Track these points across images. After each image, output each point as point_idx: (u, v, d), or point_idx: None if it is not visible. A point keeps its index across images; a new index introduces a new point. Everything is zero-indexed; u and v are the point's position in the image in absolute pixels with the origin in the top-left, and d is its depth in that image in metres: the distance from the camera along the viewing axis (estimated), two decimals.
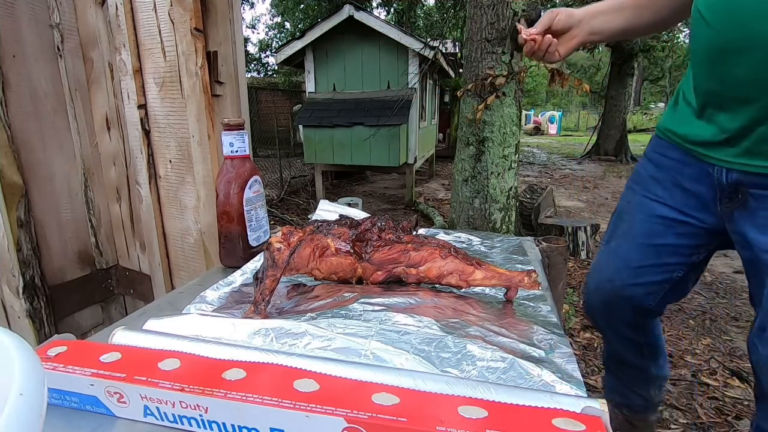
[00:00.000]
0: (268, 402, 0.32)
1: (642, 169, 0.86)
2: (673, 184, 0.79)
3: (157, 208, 1.31)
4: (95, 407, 0.37)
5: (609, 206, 5.42)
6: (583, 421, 0.30)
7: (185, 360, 0.38)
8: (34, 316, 1.21)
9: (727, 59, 0.63)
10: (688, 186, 0.77)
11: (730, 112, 0.66)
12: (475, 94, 2.69)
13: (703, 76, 0.69)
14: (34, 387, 0.24)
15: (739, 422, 1.62)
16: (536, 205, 3.86)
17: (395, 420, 0.30)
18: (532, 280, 0.56)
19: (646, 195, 0.83)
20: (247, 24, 22.34)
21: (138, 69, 1.21)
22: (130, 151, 1.32)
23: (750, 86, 0.62)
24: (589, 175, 7.92)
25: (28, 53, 1.18)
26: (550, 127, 20.31)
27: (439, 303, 0.54)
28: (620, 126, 9.80)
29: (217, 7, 1.13)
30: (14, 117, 1.14)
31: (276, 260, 0.55)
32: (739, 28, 0.60)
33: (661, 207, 0.81)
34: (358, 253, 0.60)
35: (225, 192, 0.71)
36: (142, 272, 1.44)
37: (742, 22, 0.59)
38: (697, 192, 0.76)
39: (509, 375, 0.40)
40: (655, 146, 0.83)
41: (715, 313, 2.54)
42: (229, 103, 1.22)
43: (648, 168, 0.84)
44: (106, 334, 0.47)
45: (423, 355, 0.42)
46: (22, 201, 1.16)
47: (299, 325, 0.46)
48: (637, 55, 9.12)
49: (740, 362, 2.04)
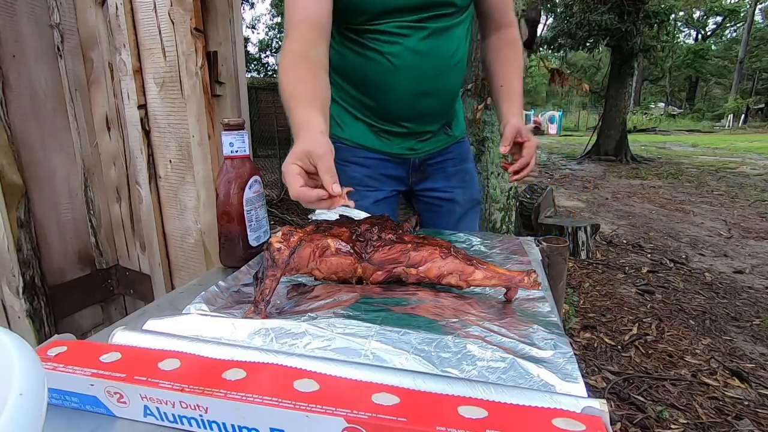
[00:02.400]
0: (268, 402, 0.32)
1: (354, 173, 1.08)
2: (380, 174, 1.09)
3: (157, 208, 1.31)
4: (95, 407, 0.37)
5: (609, 206, 5.42)
6: (583, 421, 0.30)
7: (185, 360, 0.38)
8: (34, 316, 1.22)
9: (422, 99, 0.96)
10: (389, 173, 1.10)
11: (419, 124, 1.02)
12: (475, 93, 2.69)
13: (401, 109, 0.99)
14: (34, 387, 0.24)
15: (739, 422, 1.62)
16: (536, 205, 3.86)
17: (395, 420, 0.30)
18: (532, 280, 0.56)
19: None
20: (247, 24, 22.34)
21: (138, 69, 1.22)
22: (130, 151, 1.32)
23: (434, 114, 1.01)
24: (589, 175, 7.92)
25: (28, 53, 1.18)
26: (550, 127, 20.30)
27: (439, 303, 0.54)
28: (620, 126, 9.80)
29: (217, 7, 1.14)
30: (14, 117, 1.15)
31: (276, 260, 0.55)
32: (429, 82, 0.94)
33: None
34: (358, 253, 0.60)
35: (225, 192, 0.71)
36: (142, 272, 1.44)
37: (430, 78, 0.93)
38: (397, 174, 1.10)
39: (509, 375, 0.40)
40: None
41: (715, 313, 2.54)
42: (229, 103, 1.22)
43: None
44: (106, 334, 0.47)
45: (423, 355, 0.42)
46: (22, 201, 1.16)
47: (299, 325, 0.46)
48: (637, 55, 9.12)
49: (740, 362, 2.04)
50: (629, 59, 9.17)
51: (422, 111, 1.01)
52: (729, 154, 10.83)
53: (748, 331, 2.34)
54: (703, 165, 8.97)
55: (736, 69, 25.44)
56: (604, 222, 4.57)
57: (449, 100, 1.05)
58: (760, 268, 3.29)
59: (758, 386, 1.85)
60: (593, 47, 9.67)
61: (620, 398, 1.77)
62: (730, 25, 30.11)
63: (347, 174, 1.03)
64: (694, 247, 3.81)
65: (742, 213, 5.00)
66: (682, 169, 8.53)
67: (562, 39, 9.92)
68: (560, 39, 9.98)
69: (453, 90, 1.04)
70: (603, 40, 9.06)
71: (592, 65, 21.35)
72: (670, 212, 5.09)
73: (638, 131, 19.19)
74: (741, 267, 3.30)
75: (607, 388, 1.82)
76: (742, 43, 24.58)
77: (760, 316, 2.50)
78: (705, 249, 3.75)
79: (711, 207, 5.33)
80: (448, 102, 1.04)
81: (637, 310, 2.59)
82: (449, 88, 1.02)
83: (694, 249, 3.75)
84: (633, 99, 13.16)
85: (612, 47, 9.22)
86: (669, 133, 19.05)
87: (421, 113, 1.01)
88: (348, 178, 1.01)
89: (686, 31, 30.99)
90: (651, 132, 19.94)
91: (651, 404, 1.73)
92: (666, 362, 2.04)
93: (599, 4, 8.31)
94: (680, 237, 4.09)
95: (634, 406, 1.72)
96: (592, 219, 4.48)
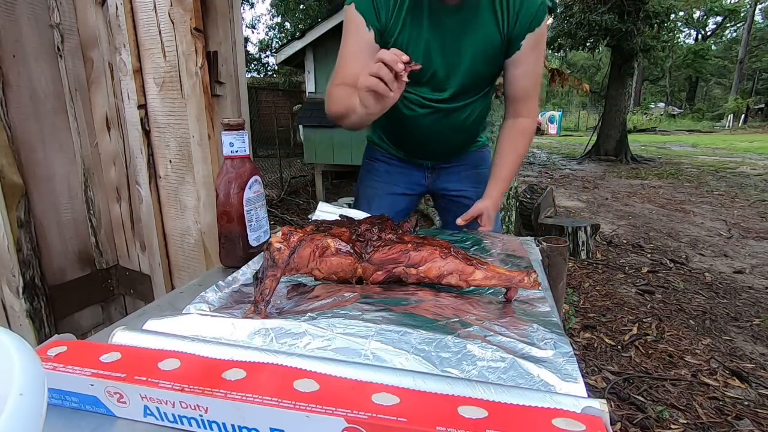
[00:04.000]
0: (268, 402, 0.32)
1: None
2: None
3: (157, 208, 1.31)
4: (95, 407, 0.37)
5: (609, 206, 5.42)
6: (583, 421, 0.30)
7: (185, 360, 0.38)
8: (34, 316, 1.22)
9: (438, 147, 1.16)
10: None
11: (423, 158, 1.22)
12: None
13: (418, 151, 1.20)
14: (34, 387, 0.24)
15: (739, 422, 1.62)
16: (536, 205, 3.86)
17: (395, 420, 0.30)
18: (532, 280, 0.56)
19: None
20: (247, 24, 22.34)
21: (138, 69, 1.21)
22: (130, 151, 1.32)
23: (450, 154, 1.20)
24: (589, 175, 7.92)
25: (28, 53, 1.18)
26: (550, 127, 20.30)
27: (439, 302, 0.54)
28: (620, 126, 9.81)
29: (217, 7, 1.14)
30: (14, 117, 1.14)
31: (276, 260, 0.55)
32: (445, 138, 1.12)
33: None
34: (358, 253, 0.60)
35: (225, 192, 0.71)
36: (142, 272, 1.44)
37: (447, 135, 1.11)
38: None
39: (509, 375, 0.40)
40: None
41: (715, 313, 2.54)
42: (229, 103, 1.22)
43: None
44: (106, 334, 0.47)
45: (423, 355, 0.42)
46: (22, 201, 1.16)
47: (299, 325, 0.46)
48: (637, 55, 9.12)
49: (740, 362, 2.04)
50: (629, 59, 9.17)
51: (438, 154, 1.19)
52: (729, 154, 10.83)
53: (748, 331, 2.34)
54: (703, 165, 8.97)
55: (736, 69, 25.44)
56: (604, 222, 4.57)
57: (466, 144, 1.21)
58: (760, 268, 3.29)
59: (758, 386, 1.85)
60: (593, 47, 9.67)
61: (620, 398, 1.77)
62: (730, 25, 30.11)
63: (374, 168, 1.26)
64: (694, 247, 3.81)
65: (742, 213, 5.00)
66: (682, 169, 8.53)
67: (562, 39, 9.92)
68: (560, 39, 9.98)
69: (470, 139, 1.20)
70: (603, 40, 9.06)
71: (592, 65, 21.34)
72: (670, 212, 5.09)
73: (638, 131, 19.18)
74: (741, 267, 3.30)
75: (607, 388, 1.82)
76: (742, 43, 24.58)
77: (760, 316, 2.50)
78: (705, 249, 3.75)
79: (711, 207, 5.33)
80: (465, 145, 1.21)
81: (637, 310, 2.59)
82: (465, 140, 1.19)
83: (694, 249, 3.75)
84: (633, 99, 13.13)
85: (612, 47, 9.22)
86: (669, 133, 19.05)
87: (437, 155, 1.19)
88: (374, 172, 1.25)
89: (686, 31, 30.98)
90: (651, 132, 19.94)
91: (651, 404, 1.73)
92: (666, 362, 2.04)
93: (599, 4, 8.31)
94: (680, 237, 4.09)
95: (634, 406, 1.72)
96: (592, 219, 4.49)
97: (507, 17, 0.94)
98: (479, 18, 0.94)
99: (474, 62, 0.98)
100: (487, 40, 0.96)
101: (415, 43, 0.95)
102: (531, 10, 0.93)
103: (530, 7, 0.93)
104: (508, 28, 0.95)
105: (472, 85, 1.03)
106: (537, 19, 0.94)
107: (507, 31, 0.95)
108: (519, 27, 0.94)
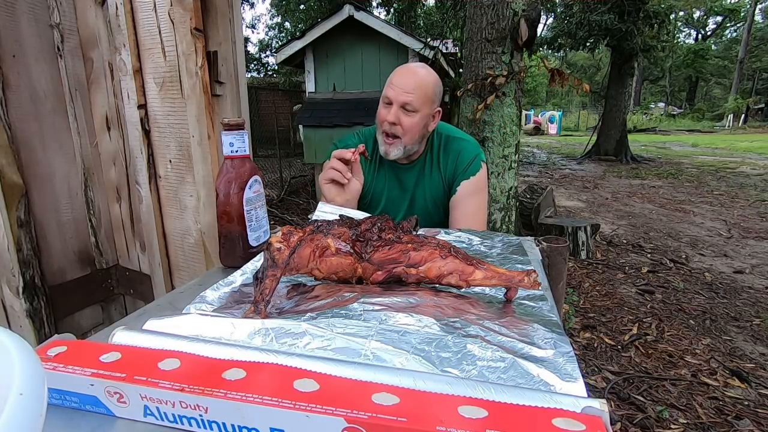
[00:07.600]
0: (268, 402, 0.32)
1: None
2: None
3: (157, 208, 1.31)
4: (95, 407, 0.37)
5: (609, 206, 5.42)
6: (583, 421, 0.30)
7: (185, 360, 0.38)
8: (34, 316, 1.21)
9: None
10: None
11: None
12: (475, 93, 2.69)
13: None
14: (34, 387, 0.24)
15: (739, 422, 1.62)
16: (536, 205, 3.86)
17: (395, 420, 0.30)
18: (532, 280, 0.56)
19: None
20: (247, 24, 22.34)
21: (138, 69, 1.21)
22: (130, 151, 1.32)
23: None
24: (589, 175, 7.92)
25: (28, 53, 1.18)
26: (550, 127, 20.30)
27: (439, 302, 0.54)
28: (620, 126, 9.80)
29: (217, 7, 1.14)
30: (14, 117, 1.14)
31: (276, 260, 0.55)
32: None
33: None
34: (358, 253, 0.60)
35: (225, 192, 0.71)
36: (142, 272, 1.44)
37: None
38: None
39: (509, 375, 0.40)
40: None
41: (715, 312, 2.54)
42: (229, 103, 1.22)
43: None
44: (106, 334, 0.47)
45: (423, 354, 0.42)
46: (22, 201, 1.16)
47: (299, 325, 0.46)
48: (637, 55, 9.12)
49: (740, 362, 2.04)
50: (629, 59, 9.17)
51: None
52: (729, 154, 10.83)
53: (748, 331, 2.34)
54: (703, 165, 8.96)
55: (736, 69, 25.43)
56: (604, 222, 4.57)
57: None
58: (760, 268, 3.29)
59: (758, 386, 1.85)
60: (593, 47, 9.66)
61: (620, 398, 1.77)
62: (730, 25, 30.10)
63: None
64: (694, 247, 3.81)
65: (742, 213, 5.00)
66: (682, 169, 8.53)
67: (562, 39, 9.92)
68: (560, 39, 9.98)
69: None
70: (603, 40, 9.06)
71: (592, 65, 21.35)
72: (670, 212, 5.09)
73: (638, 131, 19.17)
74: (741, 267, 3.30)
75: (607, 388, 1.82)
76: (742, 43, 24.57)
77: (760, 316, 2.50)
78: (705, 249, 3.75)
79: (711, 207, 5.33)
80: None
81: (637, 310, 2.59)
82: None
83: (694, 249, 3.75)
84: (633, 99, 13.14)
85: (612, 47, 9.21)
86: (669, 133, 19.04)
87: None
88: None
89: (686, 31, 30.97)
90: (651, 132, 19.93)
91: (651, 404, 1.73)
92: (666, 362, 2.04)
93: (599, 4, 8.30)
94: (680, 237, 4.09)
95: (634, 406, 1.72)
96: (592, 219, 4.48)
97: (446, 168, 1.17)
98: (426, 171, 1.18)
99: (425, 207, 1.20)
100: (435, 189, 1.18)
101: (380, 192, 1.20)
102: (466, 160, 1.15)
103: (465, 159, 1.15)
104: (447, 177, 1.17)
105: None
106: (472, 169, 1.15)
107: (447, 179, 1.17)
108: (455, 174, 1.16)
